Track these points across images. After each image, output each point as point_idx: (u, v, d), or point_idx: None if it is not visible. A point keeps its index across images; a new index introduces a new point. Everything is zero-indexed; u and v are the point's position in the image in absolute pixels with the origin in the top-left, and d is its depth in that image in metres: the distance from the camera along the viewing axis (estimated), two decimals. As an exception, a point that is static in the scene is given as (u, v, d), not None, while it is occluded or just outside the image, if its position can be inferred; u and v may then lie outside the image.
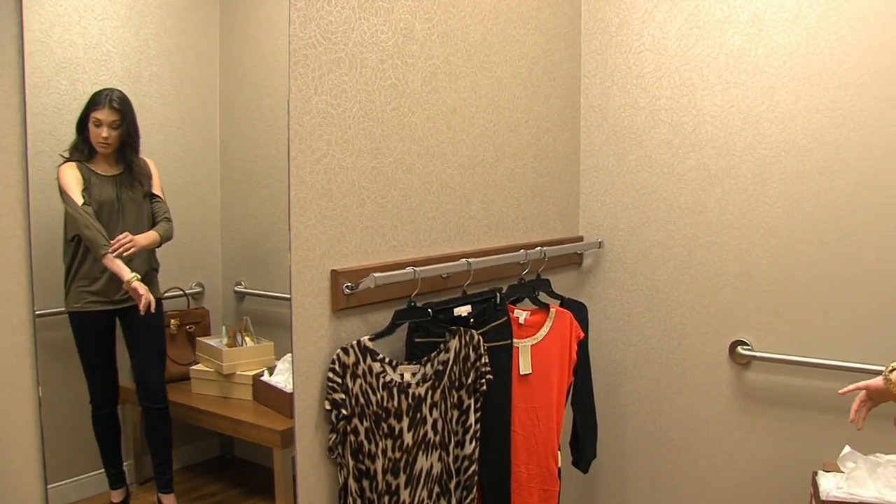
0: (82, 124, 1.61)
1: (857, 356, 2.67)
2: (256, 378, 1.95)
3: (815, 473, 2.55)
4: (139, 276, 1.66)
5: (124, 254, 1.65)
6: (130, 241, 1.66)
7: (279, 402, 1.88)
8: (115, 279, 1.65)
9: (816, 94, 2.69)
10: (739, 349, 2.88)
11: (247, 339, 1.97)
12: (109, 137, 1.65)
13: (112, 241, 1.63)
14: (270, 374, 1.94)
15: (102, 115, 1.63)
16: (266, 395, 1.93)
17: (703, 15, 2.87)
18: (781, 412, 2.84)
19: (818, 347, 2.75)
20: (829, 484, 2.45)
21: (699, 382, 2.98)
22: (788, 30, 2.72)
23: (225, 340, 1.93)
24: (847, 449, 2.52)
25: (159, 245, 1.75)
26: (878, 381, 2.01)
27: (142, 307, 1.67)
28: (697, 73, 2.90)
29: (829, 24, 2.65)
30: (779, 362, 2.82)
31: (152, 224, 1.74)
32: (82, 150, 1.62)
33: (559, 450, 2.57)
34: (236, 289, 1.95)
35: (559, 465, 2.55)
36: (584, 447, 2.75)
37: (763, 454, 2.88)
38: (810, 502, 2.57)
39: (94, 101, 1.62)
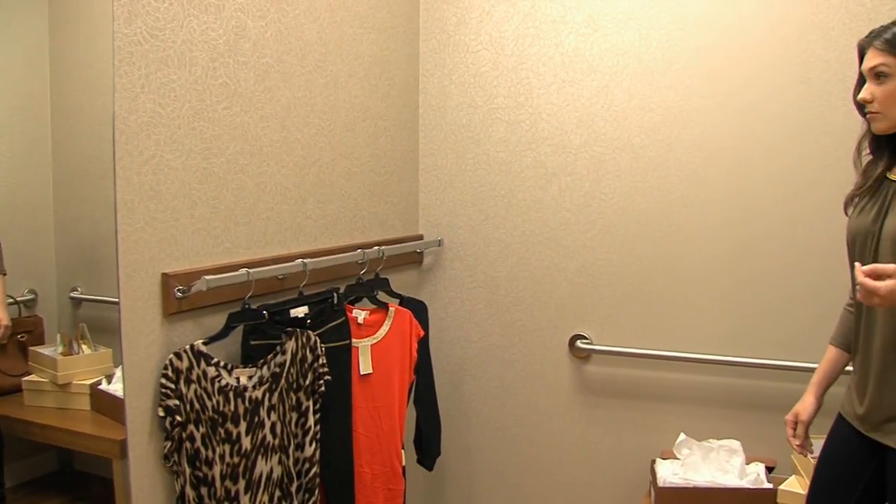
0: None
1: (693, 347, 2.94)
2: (94, 387, 1.94)
3: (654, 461, 2.76)
4: None
5: None
6: None
7: (118, 410, 1.88)
8: None
9: (648, 93, 2.92)
10: (579, 343, 3.09)
11: (83, 346, 1.95)
12: None
13: None
14: (109, 382, 1.94)
15: None
16: (105, 404, 1.93)
17: (539, 15, 3.05)
18: (621, 403, 3.07)
19: (655, 339, 3.00)
20: (665, 471, 2.66)
21: (541, 377, 3.17)
22: (621, 31, 2.94)
23: (60, 349, 1.90)
24: (682, 436, 2.75)
25: None
26: (805, 405, 2.17)
27: None
28: (534, 72, 3.08)
29: (660, 26, 2.89)
30: (617, 355, 3.05)
31: None
32: None
33: (403, 448, 2.68)
34: (72, 295, 1.92)
35: (404, 463, 2.67)
36: (428, 445, 2.88)
37: (604, 445, 3.10)
38: (649, 489, 2.77)
39: None
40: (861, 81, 1.96)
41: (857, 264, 1.76)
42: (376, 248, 2.72)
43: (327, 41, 2.58)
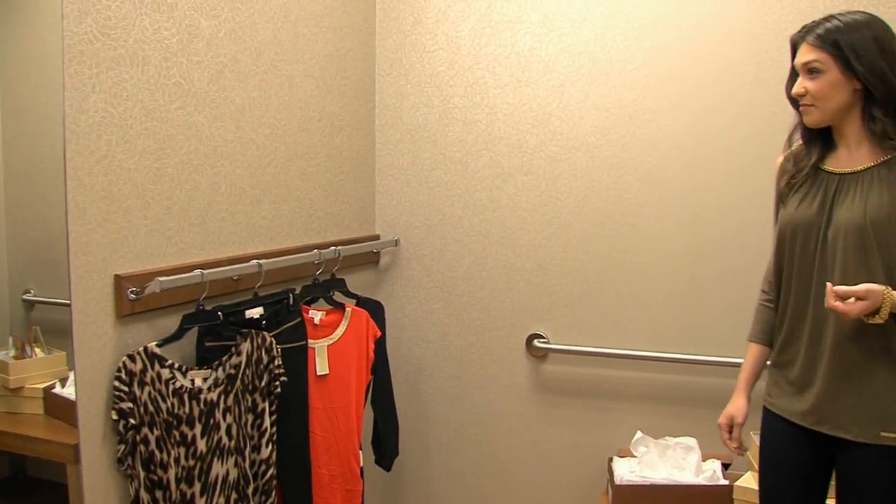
0: None
1: (649, 345, 2.99)
2: (47, 391, 1.92)
3: (611, 459, 2.79)
4: None
5: None
6: None
7: (72, 414, 1.86)
8: None
9: (604, 92, 2.97)
10: (536, 342, 3.12)
11: (36, 349, 1.92)
12: None
13: None
14: (63, 385, 1.92)
15: None
16: (58, 408, 1.91)
17: (495, 15, 3.09)
18: (578, 402, 3.11)
19: (611, 338, 3.04)
20: (622, 468, 2.69)
21: (498, 377, 3.19)
22: (577, 30, 2.99)
23: (12, 352, 1.88)
24: (639, 434, 2.79)
25: None
26: (738, 407, 2.21)
27: None
28: (490, 71, 3.11)
29: (615, 26, 2.94)
30: (574, 354, 3.09)
31: None
32: None
33: (361, 449, 2.69)
34: (25, 297, 1.90)
35: (361, 464, 2.67)
36: (386, 445, 2.90)
37: (562, 443, 3.14)
38: (607, 487, 2.80)
39: None
40: (794, 75, 2.03)
41: (828, 284, 1.84)
42: (332, 248, 2.73)
43: (282, 40, 2.59)
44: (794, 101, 2.04)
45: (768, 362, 2.19)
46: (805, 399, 2.00)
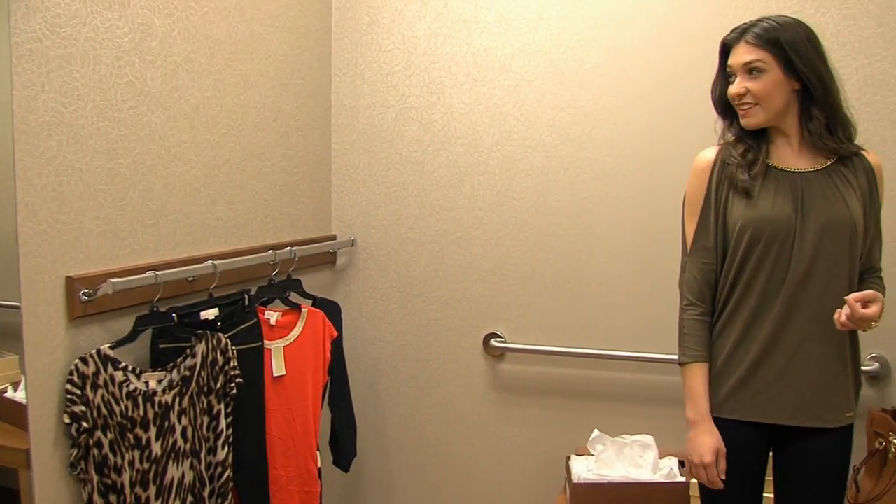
0: None
1: (605, 343, 3.03)
2: (-1, 395, 1.90)
3: (569, 458, 2.81)
4: None
5: None
6: None
7: (24, 419, 1.84)
8: None
9: (560, 92, 3.00)
10: (493, 342, 3.14)
11: None
12: None
13: None
14: (15, 389, 1.89)
15: None
16: (10, 412, 1.88)
17: (451, 14, 3.10)
18: (535, 401, 3.13)
19: (568, 336, 3.07)
20: (580, 467, 2.71)
21: (456, 376, 3.21)
22: (533, 30, 3.01)
23: None
24: (596, 432, 2.81)
25: None
26: (718, 437, 2.05)
27: None
28: (446, 71, 3.12)
29: (571, 26, 2.97)
30: (531, 353, 3.12)
31: None
32: None
33: (318, 450, 2.69)
34: None
35: (319, 465, 2.68)
36: (343, 446, 2.90)
37: (520, 443, 3.16)
38: (565, 486, 2.82)
39: None
40: (723, 77, 2.06)
41: (848, 298, 1.83)
42: (288, 248, 2.72)
43: (237, 40, 2.58)
44: (721, 104, 2.09)
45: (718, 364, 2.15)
46: (772, 396, 2.02)
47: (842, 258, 1.96)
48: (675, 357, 2.15)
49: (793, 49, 1.92)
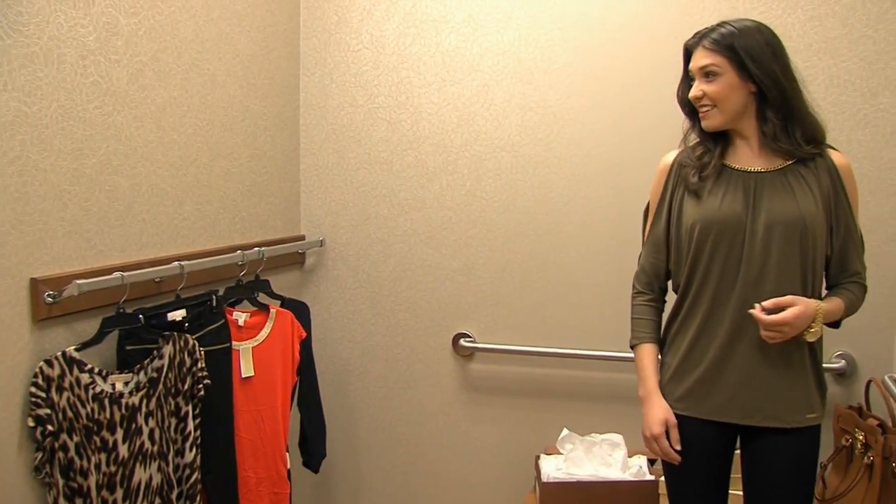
0: None
1: (574, 343, 3.04)
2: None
3: (538, 457, 2.82)
4: None
5: None
6: None
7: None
8: None
9: (528, 92, 3.01)
10: (462, 341, 3.15)
11: None
12: None
13: None
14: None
15: None
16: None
17: (420, 14, 3.10)
18: (505, 401, 3.14)
19: (537, 336, 3.09)
20: (549, 466, 2.72)
21: (425, 376, 3.21)
22: (501, 30, 3.02)
23: None
24: (565, 431, 2.82)
25: None
26: (666, 409, 2.10)
27: None
28: (415, 71, 3.12)
29: (539, 26, 2.99)
30: (500, 352, 3.13)
31: None
32: None
33: (288, 451, 2.68)
34: None
35: (289, 466, 2.67)
36: (313, 447, 2.89)
37: (489, 442, 3.17)
38: (534, 485, 2.83)
39: None
40: (687, 80, 2.09)
41: (756, 306, 1.90)
42: (256, 249, 2.71)
43: (204, 39, 2.56)
44: (687, 105, 2.12)
45: (673, 361, 2.17)
46: (729, 395, 2.04)
47: (792, 258, 1.97)
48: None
49: (747, 53, 1.95)
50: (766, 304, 1.90)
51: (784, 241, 1.96)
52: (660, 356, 2.20)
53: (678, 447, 2.07)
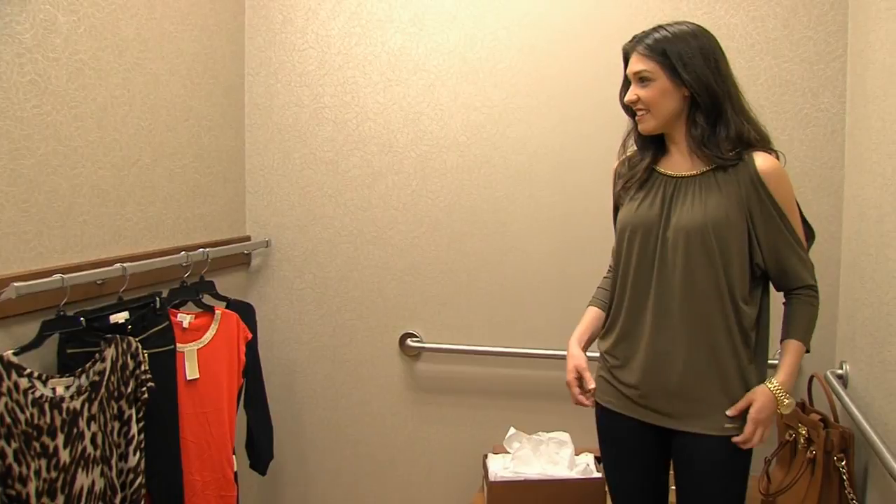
0: None
1: (521, 342, 3.06)
2: None
3: (486, 456, 2.83)
4: None
5: None
6: None
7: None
8: None
9: (474, 91, 3.02)
10: (409, 341, 3.15)
11: None
12: None
13: None
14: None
15: None
16: None
17: (365, 14, 3.10)
18: (452, 400, 3.15)
19: (483, 335, 3.10)
20: (496, 465, 2.73)
21: (373, 377, 3.20)
22: (447, 30, 3.03)
23: None
24: (512, 430, 2.82)
25: None
26: (580, 356, 2.18)
27: None
28: (360, 70, 3.11)
29: (485, 26, 3.00)
30: (447, 352, 3.14)
31: None
32: None
33: (235, 454, 2.66)
34: None
35: (235, 469, 2.64)
36: (260, 449, 2.87)
37: (437, 442, 3.18)
38: (482, 484, 2.84)
39: None
40: (627, 84, 2.12)
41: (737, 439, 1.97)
42: (201, 250, 2.68)
43: (146, 38, 2.52)
44: (629, 108, 2.13)
45: (603, 353, 2.21)
46: (639, 395, 2.06)
47: (700, 265, 1.97)
48: (591, 355, 2.21)
49: (678, 59, 1.97)
50: (728, 413, 1.96)
51: (689, 247, 1.97)
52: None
53: (591, 386, 2.14)
